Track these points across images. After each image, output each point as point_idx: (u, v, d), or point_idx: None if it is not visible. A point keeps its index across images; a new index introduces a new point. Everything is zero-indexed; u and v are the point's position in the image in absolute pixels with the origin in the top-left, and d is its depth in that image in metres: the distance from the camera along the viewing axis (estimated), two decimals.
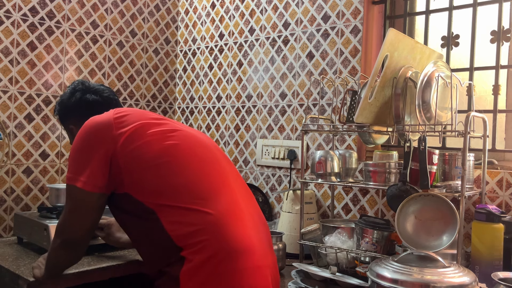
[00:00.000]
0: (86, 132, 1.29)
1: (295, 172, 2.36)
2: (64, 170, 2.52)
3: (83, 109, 1.55)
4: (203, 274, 1.15)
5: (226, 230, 1.19)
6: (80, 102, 1.58)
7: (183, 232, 1.18)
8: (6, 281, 1.74)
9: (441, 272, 1.26)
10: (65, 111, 1.63)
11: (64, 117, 1.64)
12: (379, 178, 1.74)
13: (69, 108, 1.61)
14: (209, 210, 1.20)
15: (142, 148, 1.23)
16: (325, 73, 2.27)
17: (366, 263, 1.70)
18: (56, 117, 1.69)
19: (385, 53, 1.60)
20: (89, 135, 1.28)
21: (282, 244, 1.87)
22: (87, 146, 1.27)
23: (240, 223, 1.24)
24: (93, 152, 1.25)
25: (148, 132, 1.26)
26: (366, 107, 1.62)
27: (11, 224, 2.30)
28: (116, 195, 1.29)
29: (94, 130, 1.28)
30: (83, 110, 1.54)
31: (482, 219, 1.54)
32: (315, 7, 2.32)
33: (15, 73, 2.34)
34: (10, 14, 2.31)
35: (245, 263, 1.19)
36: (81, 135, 1.29)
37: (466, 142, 1.51)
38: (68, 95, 1.61)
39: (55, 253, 1.41)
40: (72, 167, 1.28)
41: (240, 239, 1.20)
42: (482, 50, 1.93)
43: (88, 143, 1.27)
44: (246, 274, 1.18)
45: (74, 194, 1.28)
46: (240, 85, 2.65)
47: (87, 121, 1.31)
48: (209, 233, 1.18)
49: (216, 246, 1.17)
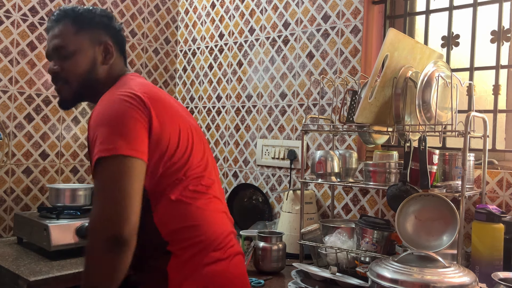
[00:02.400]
0: (122, 102, 1.10)
1: (295, 172, 2.36)
2: (64, 170, 2.52)
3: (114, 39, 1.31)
4: (190, 267, 1.15)
5: (214, 225, 1.21)
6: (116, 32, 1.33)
7: (172, 227, 1.15)
8: (6, 281, 1.74)
9: (441, 272, 1.26)
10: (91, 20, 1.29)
11: (88, 24, 1.28)
12: (379, 178, 1.74)
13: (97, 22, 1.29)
14: (204, 206, 1.20)
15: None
16: (325, 73, 2.27)
17: (366, 263, 1.70)
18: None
19: (385, 53, 1.60)
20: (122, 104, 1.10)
21: (282, 244, 1.87)
22: (118, 113, 1.09)
23: (222, 215, 1.27)
24: (135, 121, 1.09)
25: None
26: (366, 107, 1.62)
27: (11, 224, 2.30)
28: None
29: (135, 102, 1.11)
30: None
31: (482, 219, 1.54)
32: (315, 7, 2.32)
33: (15, 73, 2.34)
34: (10, 14, 2.31)
35: (226, 252, 1.21)
36: (113, 108, 1.10)
37: (466, 142, 1.51)
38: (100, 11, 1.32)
39: (99, 262, 1.01)
40: (111, 137, 1.05)
41: (222, 230, 1.23)
42: (482, 50, 1.93)
43: (116, 112, 1.09)
44: (226, 262, 1.21)
45: (119, 167, 1.02)
46: (240, 85, 2.65)
47: (118, 95, 1.12)
48: (201, 229, 1.18)
49: (205, 242, 1.18)
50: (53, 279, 1.68)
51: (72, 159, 2.56)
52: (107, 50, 1.28)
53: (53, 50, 1.25)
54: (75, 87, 1.24)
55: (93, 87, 1.26)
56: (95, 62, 1.26)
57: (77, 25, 1.25)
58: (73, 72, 1.23)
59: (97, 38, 1.27)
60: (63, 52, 1.23)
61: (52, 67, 1.24)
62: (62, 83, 1.24)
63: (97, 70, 1.26)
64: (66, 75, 1.24)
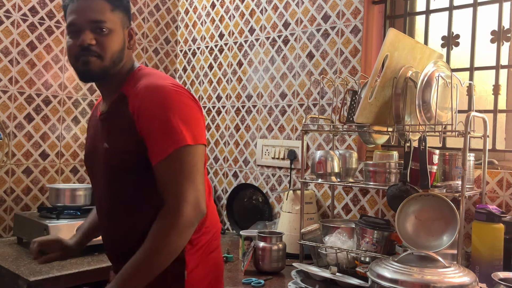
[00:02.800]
0: (181, 95, 1.20)
1: (295, 172, 2.36)
2: (64, 170, 2.52)
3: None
4: (201, 254, 1.27)
5: (215, 215, 1.39)
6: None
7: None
8: (6, 281, 1.74)
9: (441, 272, 1.26)
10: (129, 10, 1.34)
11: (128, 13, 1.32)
12: (379, 178, 1.74)
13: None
14: (209, 197, 1.31)
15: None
16: (325, 73, 2.27)
17: (366, 263, 1.70)
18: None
19: (385, 53, 1.60)
20: (183, 98, 1.20)
21: (282, 244, 1.87)
22: (186, 106, 1.20)
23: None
24: (197, 112, 1.22)
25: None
26: (366, 107, 1.62)
27: (11, 224, 2.30)
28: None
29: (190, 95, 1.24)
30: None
31: (482, 219, 1.54)
32: (315, 7, 2.32)
33: (15, 73, 2.34)
34: (10, 14, 2.31)
35: (218, 240, 1.38)
36: (175, 100, 1.18)
37: (466, 142, 1.51)
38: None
39: (184, 235, 1.15)
40: (183, 128, 1.15)
41: (217, 220, 1.40)
42: (482, 50, 1.93)
43: (184, 105, 1.20)
44: (219, 250, 1.38)
45: (196, 155, 1.16)
46: (240, 85, 2.65)
47: (173, 87, 1.20)
48: (212, 218, 1.33)
49: (212, 231, 1.33)
50: (53, 279, 1.68)
51: (72, 159, 2.56)
52: (131, 35, 1.30)
53: (90, 22, 1.20)
54: (107, 63, 1.22)
55: (116, 68, 1.25)
56: (124, 44, 1.27)
57: (112, 4, 1.24)
58: (109, 49, 1.22)
59: (125, 22, 1.28)
60: (101, 26, 1.21)
61: (87, 38, 1.19)
62: (95, 56, 1.21)
63: (124, 53, 1.27)
64: (101, 50, 1.21)
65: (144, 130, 1.16)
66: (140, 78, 1.24)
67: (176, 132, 1.14)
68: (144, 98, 1.17)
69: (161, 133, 1.14)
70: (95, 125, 1.33)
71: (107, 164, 1.24)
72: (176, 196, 1.13)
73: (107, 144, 1.22)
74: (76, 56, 1.22)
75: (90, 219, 1.50)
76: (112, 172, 1.24)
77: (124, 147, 1.19)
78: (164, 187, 1.15)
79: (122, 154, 1.19)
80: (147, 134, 1.16)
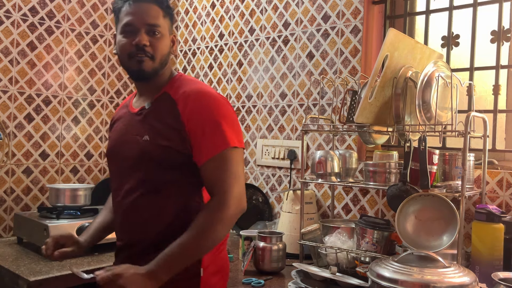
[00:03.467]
0: (227, 103, 1.36)
1: (295, 172, 2.36)
2: (64, 170, 2.52)
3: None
4: (214, 251, 1.35)
5: None
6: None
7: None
8: (6, 281, 1.74)
9: (441, 272, 1.26)
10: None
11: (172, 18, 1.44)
12: (379, 178, 1.74)
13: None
14: None
15: None
16: (325, 73, 2.27)
17: (366, 263, 1.70)
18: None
19: (385, 53, 1.60)
20: (229, 105, 1.36)
21: (282, 244, 1.87)
22: (232, 113, 1.35)
23: None
24: (237, 119, 1.39)
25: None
26: (366, 107, 1.62)
27: (11, 224, 2.30)
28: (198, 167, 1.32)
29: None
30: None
31: (482, 219, 1.54)
32: (315, 7, 2.32)
33: (15, 73, 2.34)
34: (10, 14, 2.31)
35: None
36: (224, 106, 1.33)
37: (466, 142, 1.51)
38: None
39: (227, 227, 1.28)
40: (230, 131, 1.29)
41: None
42: (482, 50, 1.93)
43: (231, 112, 1.35)
44: (225, 247, 1.46)
45: (240, 156, 1.31)
46: (240, 85, 2.65)
47: (219, 95, 1.35)
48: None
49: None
50: (53, 279, 1.68)
51: (72, 159, 2.56)
52: (173, 41, 1.42)
53: (146, 25, 1.32)
54: (157, 64, 1.34)
55: (162, 70, 1.37)
56: (170, 49, 1.40)
57: (165, 12, 1.37)
58: (160, 51, 1.34)
59: (171, 29, 1.41)
60: (155, 30, 1.33)
61: (143, 40, 1.31)
62: (148, 57, 1.32)
63: (169, 57, 1.40)
64: (154, 51, 1.33)
65: (194, 131, 1.27)
66: (185, 83, 1.36)
67: (226, 135, 1.27)
68: (196, 102, 1.29)
69: (212, 134, 1.27)
70: (128, 120, 1.41)
71: (145, 155, 1.30)
72: (223, 191, 1.25)
73: (148, 137, 1.30)
74: (130, 54, 1.33)
75: (99, 220, 1.53)
76: (149, 163, 1.30)
77: (167, 141, 1.28)
78: (213, 182, 1.27)
79: (164, 148, 1.28)
80: (197, 135, 1.27)
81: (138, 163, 1.32)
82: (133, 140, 1.34)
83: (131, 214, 1.34)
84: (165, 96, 1.34)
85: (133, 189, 1.33)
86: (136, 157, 1.32)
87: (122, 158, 1.37)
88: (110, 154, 1.45)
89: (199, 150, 1.27)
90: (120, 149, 1.39)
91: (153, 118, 1.33)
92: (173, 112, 1.29)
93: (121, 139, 1.39)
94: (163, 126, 1.30)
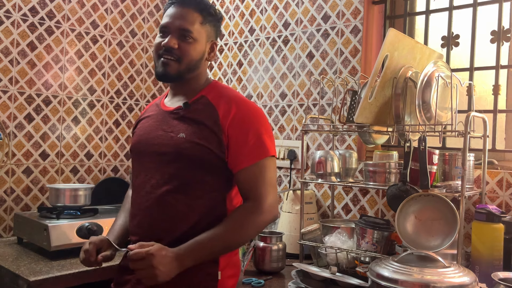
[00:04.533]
0: (264, 113, 1.45)
1: (295, 172, 2.36)
2: (64, 170, 2.52)
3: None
4: (230, 254, 1.38)
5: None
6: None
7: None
8: (6, 281, 1.74)
9: (441, 272, 1.26)
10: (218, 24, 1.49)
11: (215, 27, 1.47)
12: (379, 178, 1.74)
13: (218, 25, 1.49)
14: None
15: None
16: (325, 73, 2.27)
17: (366, 263, 1.70)
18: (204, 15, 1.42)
19: (385, 53, 1.60)
20: (265, 115, 1.44)
21: (282, 244, 1.87)
22: (268, 123, 1.43)
23: None
24: (271, 129, 1.45)
25: None
26: (366, 107, 1.62)
27: (11, 224, 2.30)
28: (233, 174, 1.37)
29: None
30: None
31: (482, 219, 1.54)
32: (315, 7, 2.32)
33: (15, 73, 2.34)
34: (10, 14, 2.31)
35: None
36: (264, 117, 1.41)
37: (466, 142, 1.51)
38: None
39: (258, 230, 1.35)
40: (269, 141, 1.36)
41: None
42: (482, 50, 1.93)
43: (267, 122, 1.42)
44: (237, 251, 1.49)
45: (275, 165, 1.39)
46: (240, 85, 2.65)
47: (257, 105, 1.44)
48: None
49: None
50: (53, 279, 1.68)
51: (72, 159, 2.56)
52: (212, 48, 1.46)
53: (177, 29, 1.36)
54: (184, 67, 1.37)
55: (192, 74, 1.40)
56: (203, 55, 1.42)
57: (204, 18, 1.39)
58: (188, 55, 1.36)
59: (211, 35, 1.44)
60: (186, 35, 1.36)
61: (171, 42, 1.35)
62: (174, 59, 1.36)
63: (202, 62, 1.42)
64: (181, 54, 1.36)
65: (236, 137, 1.32)
66: (222, 89, 1.42)
67: (266, 145, 1.34)
68: (240, 110, 1.35)
69: (254, 143, 1.33)
70: (160, 118, 1.43)
71: (179, 151, 1.32)
72: (260, 197, 1.31)
73: (183, 134, 1.33)
74: (159, 54, 1.37)
75: (120, 222, 1.51)
76: (181, 159, 1.33)
77: (204, 141, 1.31)
78: (250, 188, 1.33)
79: (199, 146, 1.31)
80: (239, 141, 1.32)
81: (169, 159, 1.34)
82: (166, 136, 1.36)
83: (155, 209, 1.34)
84: (203, 99, 1.38)
85: (160, 185, 1.34)
86: (168, 152, 1.34)
87: (151, 153, 1.38)
88: (136, 149, 1.46)
89: (238, 156, 1.32)
90: (149, 144, 1.40)
91: (190, 118, 1.36)
92: (212, 115, 1.34)
93: (152, 135, 1.41)
94: (201, 127, 1.33)
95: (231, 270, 1.39)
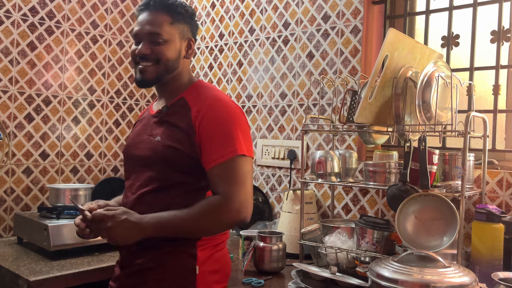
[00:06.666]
0: (241, 113, 1.39)
1: (295, 172, 2.36)
2: (64, 170, 2.52)
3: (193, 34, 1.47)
4: (210, 250, 1.38)
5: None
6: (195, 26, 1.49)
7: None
8: (6, 281, 1.74)
9: (441, 272, 1.26)
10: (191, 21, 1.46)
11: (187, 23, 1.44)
12: (379, 178, 1.73)
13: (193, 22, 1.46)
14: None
15: None
16: (325, 73, 2.27)
17: (366, 263, 1.70)
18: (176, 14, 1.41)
19: (385, 53, 1.60)
20: (242, 115, 1.39)
21: (282, 244, 1.87)
22: (245, 123, 1.39)
23: None
24: (249, 129, 1.42)
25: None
26: (366, 107, 1.62)
27: (11, 224, 2.30)
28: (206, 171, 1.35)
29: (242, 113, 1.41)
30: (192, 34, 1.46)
31: (482, 219, 1.54)
32: (315, 7, 2.32)
33: (15, 73, 2.34)
34: (10, 14, 2.31)
35: (224, 235, 1.49)
36: (239, 116, 1.36)
37: (466, 142, 1.51)
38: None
39: (219, 229, 1.36)
40: (241, 140, 1.33)
41: None
42: (482, 50, 1.93)
43: (244, 122, 1.38)
44: (224, 245, 1.48)
45: (248, 165, 1.33)
46: (240, 85, 2.65)
47: (233, 103, 1.39)
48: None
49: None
50: (53, 279, 1.68)
51: (72, 159, 2.56)
52: (189, 45, 1.44)
53: (147, 34, 1.37)
54: (162, 69, 1.38)
55: (172, 75, 1.40)
56: (180, 54, 1.41)
57: (172, 17, 1.39)
58: (164, 56, 1.37)
59: (185, 33, 1.43)
60: (156, 39, 1.36)
61: (143, 48, 1.36)
62: (152, 62, 1.37)
63: (180, 61, 1.41)
64: (157, 57, 1.36)
65: (205, 136, 1.31)
66: (202, 90, 1.41)
67: (236, 143, 1.31)
68: (210, 108, 1.33)
69: (223, 141, 1.31)
70: (146, 121, 1.47)
71: (155, 154, 1.35)
72: (228, 195, 1.28)
73: (159, 138, 1.36)
74: (135, 62, 1.40)
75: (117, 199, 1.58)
76: (158, 163, 1.35)
77: (177, 144, 1.32)
78: (218, 187, 1.30)
79: (173, 149, 1.32)
80: (208, 140, 1.31)
81: (149, 162, 1.37)
82: (147, 140, 1.40)
83: (136, 208, 1.36)
84: (181, 101, 1.39)
85: (143, 186, 1.38)
86: (147, 156, 1.38)
87: (136, 157, 1.43)
88: (125, 153, 1.51)
89: (208, 154, 1.31)
90: (134, 148, 1.45)
91: (167, 121, 1.38)
92: (186, 117, 1.34)
93: (137, 139, 1.46)
94: (175, 130, 1.34)
95: (214, 266, 1.39)
